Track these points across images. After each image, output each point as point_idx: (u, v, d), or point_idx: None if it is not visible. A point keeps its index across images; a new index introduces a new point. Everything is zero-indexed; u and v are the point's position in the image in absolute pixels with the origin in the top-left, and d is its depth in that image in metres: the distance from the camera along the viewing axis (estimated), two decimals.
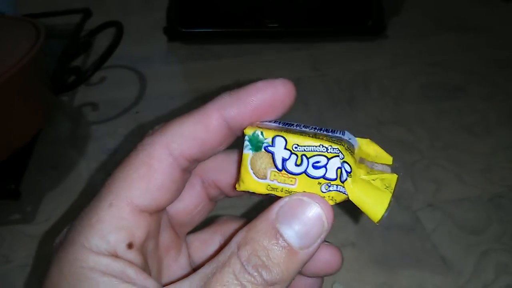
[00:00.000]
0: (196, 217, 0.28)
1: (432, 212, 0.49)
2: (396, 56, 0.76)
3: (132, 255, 0.22)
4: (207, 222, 0.29)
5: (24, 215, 0.51)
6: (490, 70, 0.71)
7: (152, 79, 0.71)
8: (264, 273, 0.20)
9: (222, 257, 0.21)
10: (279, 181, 0.22)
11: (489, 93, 0.66)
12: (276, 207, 0.21)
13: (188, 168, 0.24)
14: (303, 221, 0.21)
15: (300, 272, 0.26)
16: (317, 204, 0.21)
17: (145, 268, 0.23)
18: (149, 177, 0.22)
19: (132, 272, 0.21)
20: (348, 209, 0.49)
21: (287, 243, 0.21)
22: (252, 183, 0.23)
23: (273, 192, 0.22)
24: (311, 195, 0.22)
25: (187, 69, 0.74)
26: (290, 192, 0.22)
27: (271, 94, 0.23)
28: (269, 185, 0.22)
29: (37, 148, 0.57)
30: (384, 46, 0.78)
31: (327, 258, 0.26)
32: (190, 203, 0.27)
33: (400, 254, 0.45)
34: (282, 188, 0.22)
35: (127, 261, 0.21)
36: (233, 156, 0.27)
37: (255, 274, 0.20)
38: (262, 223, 0.21)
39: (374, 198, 0.23)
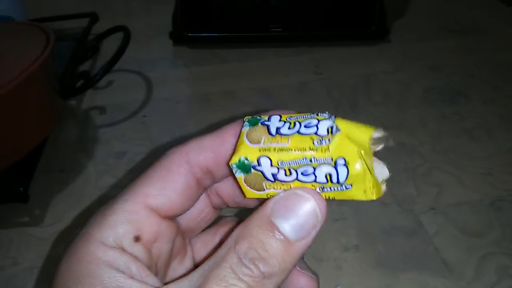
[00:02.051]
0: (201, 223, 0.28)
1: (434, 216, 0.50)
2: (398, 60, 0.76)
3: (138, 249, 0.23)
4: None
5: (32, 218, 0.51)
6: (492, 74, 0.72)
7: (159, 83, 0.72)
8: (261, 266, 0.20)
9: (220, 252, 0.21)
10: (272, 142, 0.23)
11: (491, 97, 0.67)
12: (271, 202, 0.22)
13: (202, 181, 0.25)
14: (298, 214, 0.22)
15: None
16: (311, 198, 0.22)
17: (151, 266, 0.23)
18: (167, 178, 0.24)
19: (135, 268, 0.22)
20: (351, 213, 0.50)
21: (283, 236, 0.21)
22: (245, 149, 0.23)
23: (265, 153, 0.22)
24: (305, 189, 0.22)
25: (193, 73, 0.75)
26: (282, 150, 0.22)
27: None
28: (261, 148, 0.23)
29: (45, 151, 0.57)
30: (387, 51, 0.78)
31: (303, 286, 0.27)
32: (195, 209, 0.27)
33: (403, 257, 0.46)
34: (275, 148, 0.22)
35: (132, 256, 0.22)
36: None
37: (252, 267, 0.20)
38: (258, 218, 0.22)
39: (360, 127, 0.23)
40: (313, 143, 0.22)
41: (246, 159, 0.23)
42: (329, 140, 0.22)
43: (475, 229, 0.48)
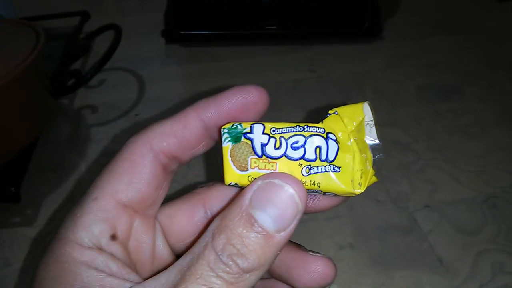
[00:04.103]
0: (189, 245, 0.27)
1: (428, 213, 0.50)
2: (392, 57, 0.76)
3: (115, 247, 0.23)
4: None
5: (24, 218, 0.51)
6: (486, 71, 0.72)
7: (151, 81, 0.71)
8: (239, 262, 0.20)
9: (197, 248, 0.21)
10: (260, 167, 0.22)
11: (485, 94, 0.67)
12: (249, 193, 0.21)
13: (169, 166, 0.25)
14: (277, 204, 0.21)
15: (294, 285, 0.26)
16: (290, 186, 0.21)
17: (130, 264, 0.23)
18: (132, 170, 0.23)
19: (114, 266, 0.22)
20: (346, 211, 0.50)
21: (262, 228, 0.20)
22: (235, 175, 0.23)
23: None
24: (283, 177, 0.21)
25: (185, 71, 0.75)
26: None
27: (244, 98, 0.24)
28: (250, 175, 0.22)
29: (37, 151, 0.57)
30: (380, 48, 0.78)
31: (320, 270, 0.26)
32: (183, 229, 0.26)
33: (398, 255, 0.46)
34: None
35: (110, 255, 0.22)
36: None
37: (230, 263, 0.20)
38: (235, 210, 0.21)
39: (354, 106, 0.24)
40: (301, 173, 0.22)
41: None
42: (317, 168, 0.22)
43: (470, 226, 0.48)
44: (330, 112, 0.24)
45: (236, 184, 0.23)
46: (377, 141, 0.23)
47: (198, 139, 0.24)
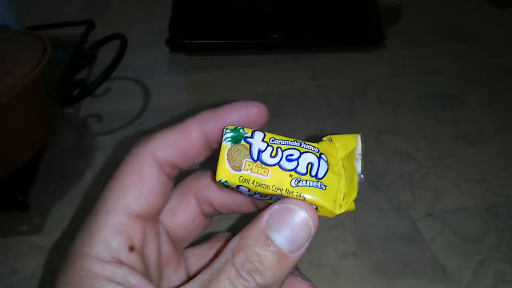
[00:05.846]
0: (192, 233, 0.29)
1: (431, 222, 0.50)
2: (394, 65, 0.77)
3: (134, 258, 0.23)
4: (204, 238, 0.30)
5: (31, 226, 0.51)
6: (488, 79, 0.72)
7: (156, 90, 0.72)
8: (257, 278, 0.22)
9: (217, 264, 0.22)
10: (252, 171, 0.23)
11: (487, 102, 0.67)
12: (266, 215, 0.23)
13: (171, 174, 0.26)
14: (292, 227, 0.23)
15: None
16: (304, 211, 0.23)
17: (146, 274, 0.24)
18: (141, 182, 0.24)
19: (134, 279, 0.22)
20: (348, 220, 0.50)
21: (278, 248, 0.22)
22: (227, 173, 0.24)
23: (244, 184, 0.23)
24: (298, 202, 0.23)
25: (190, 80, 0.75)
26: (261, 185, 0.23)
27: (244, 115, 0.25)
28: (241, 176, 0.23)
29: (44, 160, 0.58)
30: (383, 56, 0.79)
31: None
32: (185, 219, 0.28)
33: (400, 263, 0.46)
34: (253, 180, 0.23)
35: (129, 267, 0.23)
36: None
37: (249, 278, 0.21)
38: (253, 230, 0.23)
39: (348, 137, 0.25)
40: (291, 183, 0.23)
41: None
42: (306, 182, 0.23)
43: (472, 235, 0.49)
44: (324, 138, 0.25)
45: (226, 182, 0.23)
46: (361, 176, 0.25)
47: (198, 151, 0.26)
